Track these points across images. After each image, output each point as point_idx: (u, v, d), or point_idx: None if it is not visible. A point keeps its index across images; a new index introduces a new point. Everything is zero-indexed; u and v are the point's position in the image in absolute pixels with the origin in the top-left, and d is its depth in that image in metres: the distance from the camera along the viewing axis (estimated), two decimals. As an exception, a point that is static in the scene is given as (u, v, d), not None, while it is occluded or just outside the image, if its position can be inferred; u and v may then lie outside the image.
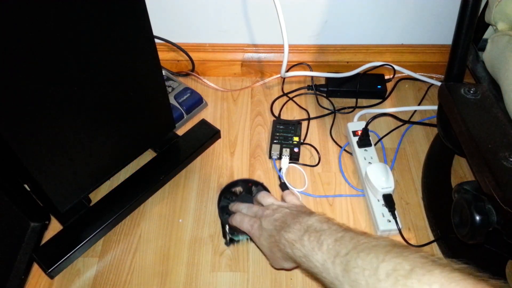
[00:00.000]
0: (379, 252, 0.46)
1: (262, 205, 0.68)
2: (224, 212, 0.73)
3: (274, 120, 0.92)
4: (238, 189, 0.77)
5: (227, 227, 0.71)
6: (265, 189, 0.75)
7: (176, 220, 0.78)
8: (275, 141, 0.87)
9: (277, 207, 0.63)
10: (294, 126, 0.89)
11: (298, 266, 0.61)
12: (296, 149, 0.85)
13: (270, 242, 0.60)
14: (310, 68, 0.99)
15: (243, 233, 0.70)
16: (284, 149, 0.85)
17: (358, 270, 0.45)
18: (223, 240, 0.75)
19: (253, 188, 0.75)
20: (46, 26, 0.50)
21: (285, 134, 0.88)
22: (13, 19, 0.47)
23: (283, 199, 0.68)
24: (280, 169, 0.84)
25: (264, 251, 0.63)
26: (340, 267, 0.48)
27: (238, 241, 0.74)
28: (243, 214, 0.67)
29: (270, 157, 0.86)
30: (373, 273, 0.44)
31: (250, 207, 0.68)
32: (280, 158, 0.85)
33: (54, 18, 0.51)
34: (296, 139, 0.87)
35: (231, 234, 0.72)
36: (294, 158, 0.85)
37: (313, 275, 0.53)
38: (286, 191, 0.69)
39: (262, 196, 0.69)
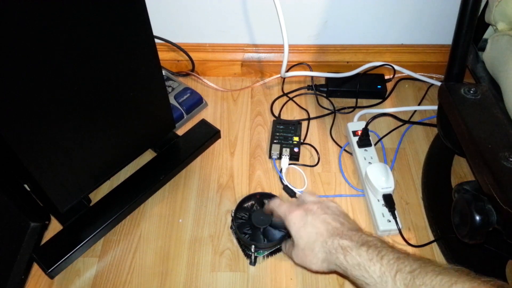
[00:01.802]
0: (451, 274, 0.45)
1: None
2: (242, 232, 0.71)
3: (274, 120, 0.92)
4: (248, 205, 0.75)
5: (253, 247, 0.69)
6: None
7: (176, 220, 0.78)
8: (275, 141, 0.87)
9: (326, 208, 0.62)
10: (294, 126, 0.89)
11: (327, 272, 0.60)
12: (296, 149, 0.85)
13: (315, 240, 0.58)
14: (310, 68, 1.00)
15: (266, 248, 0.70)
16: (284, 149, 0.85)
17: None
18: (223, 240, 0.75)
19: (264, 200, 0.75)
20: (45, 26, 0.50)
21: (285, 134, 0.88)
22: (13, 19, 0.47)
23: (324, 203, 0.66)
24: (281, 169, 0.84)
25: (299, 243, 0.60)
26: (402, 282, 0.47)
27: (259, 257, 0.73)
28: (281, 201, 0.66)
29: (270, 157, 0.86)
30: None
31: (291, 200, 0.67)
32: (280, 158, 0.85)
33: (53, 18, 0.51)
34: (296, 139, 0.87)
35: (256, 253, 0.71)
36: (294, 158, 0.85)
37: (359, 284, 0.53)
38: (326, 199, 0.66)
39: (305, 193, 0.68)
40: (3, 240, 0.68)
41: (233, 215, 0.74)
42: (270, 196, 0.76)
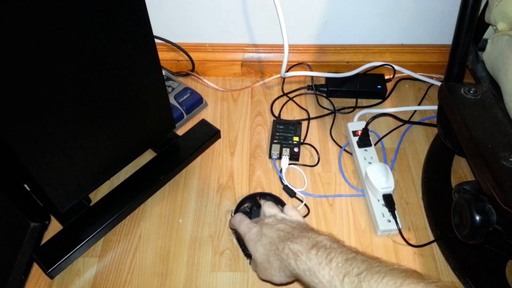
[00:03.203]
0: (396, 276, 0.44)
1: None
2: None
3: (274, 120, 0.92)
4: (247, 205, 0.75)
5: None
6: (275, 198, 0.75)
7: (176, 220, 0.78)
8: (275, 141, 0.87)
9: (282, 219, 0.62)
10: (294, 126, 0.89)
11: (289, 281, 0.60)
12: (296, 149, 0.85)
13: (269, 250, 0.58)
14: (310, 68, 0.99)
15: None
16: (284, 149, 0.85)
17: None
18: (223, 240, 0.75)
19: (261, 200, 0.75)
20: (45, 26, 0.50)
21: (285, 134, 0.88)
22: (13, 19, 0.47)
23: (284, 212, 0.66)
24: (281, 169, 0.84)
25: (257, 258, 0.60)
26: (349, 286, 0.47)
27: None
28: (244, 217, 0.66)
29: (270, 157, 0.86)
30: None
31: (254, 218, 0.67)
32: (280, 158, 0.85)
33: (54, 18, 0.51)
34: (296, 139, 0.87)
35: None
36: (294, 158, 0.85)
37: None
38: (289, 205, 0.67)
39: (267, 206, 0.67)
40: (3, 240, 0.68)
41: (232, 214, 0.74)
42: (270, 196, 0.76)
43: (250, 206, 0.75)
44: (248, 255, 0.72)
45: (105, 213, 0.74)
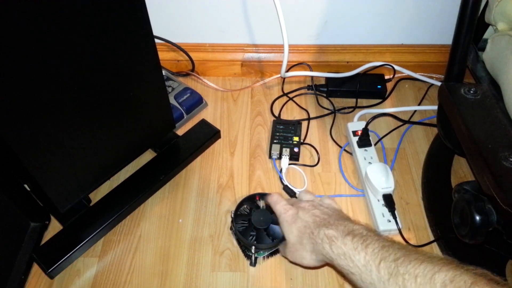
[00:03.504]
0: (434, 263, 0.45)
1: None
2: (245, 235, 0.71)
3: (274, 120, 0.92)
4: (247, 206, 0.75)
5: (253, 248, 0.69)
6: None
7: (176, 220, 0.78)
8: (275, 141, 0.87)
9: (318, 205, 0.64)
10: (294, 126, 0.89)
11: (318, 266, 0.61)
12: (296, 149, 0.85)
13: (303, 233, 0.59)
14: (310, 68, 0.99)
15: (267, 249, 0.71)
16: (284, 149, 0.85)
17: (408, 277, 0.44)
18: (223, 240, 0.75)
19: (260, 200, 0.75)
20: (45, 26, 0.50)
21: (285, 134, 0.88)
22: (13, 19, 0.47)
23: (321, 200, 0.67)
24: (281, 169, 0.84)
25: (290, 239, 0.62)
26: (386, 271, 0.47)
27: (259, 258, 0.73)
28: (281, 198, 0.67)
29: (270, 157, 0.86)
30: (426, 281, 0.43)
31: (289, 199, 0.68)
32: (280, 158, 0.85)
33: (53, 18, 0.51)
34: (296, 139, 0.87)
35: (256, 253, 0.71)
36: (294, 158, 0.85)
37: (347, 274, 0.53)
38: (325, 196, 0.69)
39: (304, 192, 0.70)
40: (3, 240, 0.68)
41: (232, 216, 0.74)
42: (263, 195, 0.76)
43: (250, 207, 0.75)
44: (248, 255, 0.72)
45: (105, 213, 0.74)
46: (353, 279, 0.52)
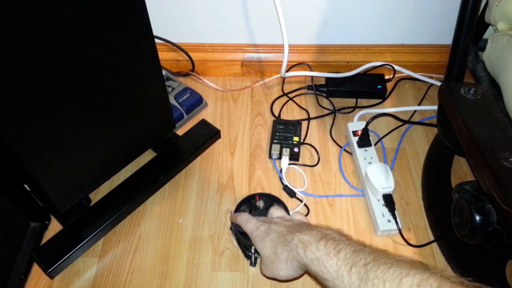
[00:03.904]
0: (402, 266, 0.45)
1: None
2: (246, 235, 0.70)
3: (274, 120, 0.92)
4: (244, 207, 0.75)
5: (253, 248, 0.69)
6: (273, 197, 0.76)
7: (176, 220, 0.78)
8: (275, 141, 0.87)
9: (289, 219, 0.64)
10: (294, 126, 0.89)
11: (295, 277, 0.60)
12: (296, 149, 0.85)
13: (277, 242, 0.59)
14: (310, 68, 0.99)
15: None
16: (284, 149, 0.85)
17: (377, 282, 0.45)
18: (223, 240, 0.75)
19: (260, 201, 0.75)
20: (45, 26, 0.50)
21: (285, 134, 0.88)
22: (13, 19, 0.47)
23: (291, 215, 0.68)
24: (281, 169, 0.84)
25: (264, 253, 0.61)
26: (356, 276, 0.47)
27: (258, 257, 0.72)
28: (251, 216, 0.67)
29: (270, 157, 0.86)
30: (395, 286, 0.43)
31: (259, 218, 0.68)
32: (280, 158, 0.85)
33: (53, 18, 0.51)
34: (296, 139, 0.87)
35: (255, 253, 0.70)
36: (294, 158, 0.85)
37: (321, 280, 0.53)
38: (295, 211, 0.69)
39: (274, 209, 0.69)
40: (3, 240, 0.68)
41: (233, 213, 0.74)
42: (269, 196, 0.76)
43: (249, 208, 0.75)
44: (248, 255, 0.72)
45: (105, 213, 0.74)
46: (327, 285, 0.52)
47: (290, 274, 0.59)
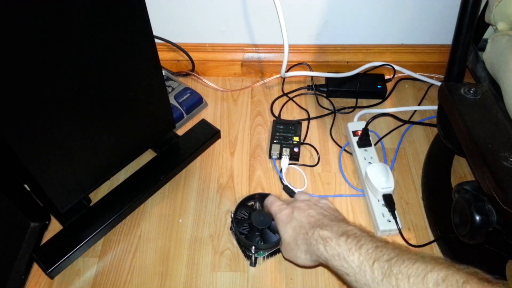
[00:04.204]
0: (427, 262, 0.45)
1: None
2: (239, 231, 0.71)
3: (274, 120, 0.92)
4: (250, 204, 0.76)
5: (253, 248, 0.69)
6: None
7: (176, 220, 0.78)
8: (275, 141, 0.87)
9: (313, 205, 0.64)
10: (294, 126, 0.89)
11: (312, 265, 0.62)
12: (296, 149, 0.85)
13: (298, 233, 0.60)
14: (310, 68, 0.99)
15: (268, 248, 0.71)
16: (284, 149, 0.85)
17: (401, 277, 0.45)
18: (223, 240, 0.75)
19: (256, 203, 0.75)
20: (45, 26, 0.50)
21: (285, 134, 0.88)
22: (13, 19, 0.47)
23: (317, 200, 0.68)
24: (281, 169, 0.84)
25: (285, 238, 0.62)
26: (379, 271, 0.47)
27: (259, 258, 0.73)
28: (276, 198, 0.68)
29: (270, 157, 0.86)
30: (419, 281, 0.43)
31: (286, 199, 0.69)
32: (280, 158, 0.85)
33: (53, 18, 0.51)
34: (296, 139, 0.87)
35: (256, 253, 0.71)
36: (294, 158, 0.85)
37: (341, 275, 0.53)
38: (321, 198, 0.69)
39: (299, 193, 0.70)
40: (3, 240, 0.68)
41: (232, 216, 0.74)
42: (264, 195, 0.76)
43: (248, 211, 0.75)
44: (248, 255, 0.72)
45: (105, 213, 0.74)
46: (348, 280, 0.52)
47: (307, 264, 0.61)
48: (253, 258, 0.71)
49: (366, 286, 0.49)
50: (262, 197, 0.75)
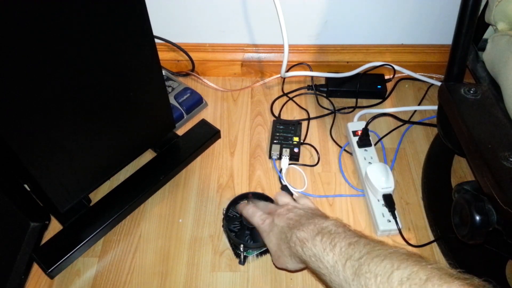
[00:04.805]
0: (394, 259, 0.45)
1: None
2: (233, 233, 0.72)
3: (274, 120, 0.92)
4: (242, 202, 0.75)
5: (241, 246, 0.70)
6: (265, 197, 0.76)
7: (176, 220, 0.78)
8: (275, 141, 0.87)
9: (292, 207, 0.63)
10: (294, 126, 0.89)
11: (303, 268, 0.61)
12: (296, 149, 0.85)
13: (280, 239, 0.59)
14: (310, 68, 0.99)
15: (256, 248, 0.71)
16: (284, 149, 0.85)
17: (369, 275, 0.45)
18: (223, 240, 0.75)
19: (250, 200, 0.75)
20: (45, 26, 0.50)
21: (285, 134, 0.88)
22: (13, 19, 0.47)
23: (296, 200, 0.68)
24: (281, 169, 0.84)
25: (271, 247, 0.62)
26: (350, 271, 0.47)
27: (249, 257, 0.73)
28: (256, 208, 0.67)
29: (270, 157, 0.86)
30: (385, 280, 0.43)
31: (266, 205, 0.68)
32: (280, 158, 0.85)
33: (53, 18, 0.51)
34: (296, 139, 0.87)
35: (245, 252, 0.71)
36: (294, 158, 0.85)
37: (319, 276, 0.53)
38: (300, 195, 0.68)
39: (279, 195, 0.69)
40: (3, 240, 0.68)
41: (224, 213, 0.74)
42: (262, 196, 0.76)
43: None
44: (237, 254, 0.72)
45: (105, 213, 0.74)
46: (325, 280, 0.52)
47: (298, 267, 0.60)
48: (242, 257, 0.71)
49: (340, 287, 0.48)
50: (256, 196, 0.75)
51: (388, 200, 0.76)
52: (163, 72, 0.86)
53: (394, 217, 0.75)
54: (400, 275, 0.42)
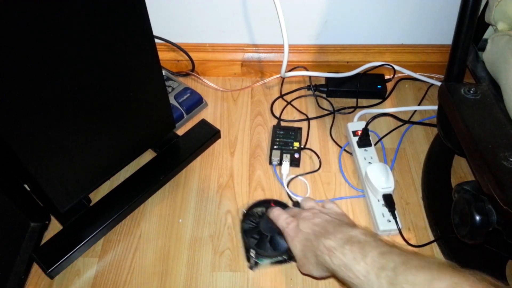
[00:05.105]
0: (432, 269, 0.44)
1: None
2: (249, 236, 0.71)
3: (274, 126, 0.91)
4: (261, 210, 0.75)
5: (251, 251, 0.69)
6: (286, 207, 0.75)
7: (176, 220, 0.78)
8: (275, 146, 0.86)
9: (318, 212, 0.62)
10: (294, 132, 0.89)
11: (329, 275, 0.60)
12: (296, 155, 0.85)
13: (305, 246, 0.58)
14: (309, 68, 0.99)
15: (268, 257, 0.70)
16: (284, 155, 0.84)
17: (407, 286, 0.44)
18: (223, 240, 0.75)
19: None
20: (45, 26, 0.50)
21: (285, 140, 0.87)
22: (13, 19, 0.47)
23: (322, 206, 0.67)
24: (281, 175, 0.83)
25: (296, 253, 0.61)
26: (385, 280, 0.46)
27: (261, 264, 0.72)
28: (281, 211, 0.67)
29: (271, 163, 0.85)
30: None
31: (291, 208, 0.68)
32: (280, 164, 0.84)
33: (53, 18, 0.51)
34: (296, 144, 0.87)
35: (256, 258, 0.71)
36: (294, 164, 0.85)
37: (348, 285, 0.52)
38: (327, 200, 0.67)
39: (304, 200, 0.69)
40: (3, 240, 0.68)
41: (244, 211, 0.74)
42: (283, 205, 0.75)
43: (262, 212, 0.74)
44: (248, 257, 0.72)
45: (105, 213, 0.74)
46: None
47: (324, 275, 0.60)
48: (252, 261, 0.71)
49: None
50: (277, 204, 0.74)
51: (388, 200, 0.76)
52: (163, 72, 0.86)
53: (394, 217, 0.75)
54: (440, 286, 0.42)
